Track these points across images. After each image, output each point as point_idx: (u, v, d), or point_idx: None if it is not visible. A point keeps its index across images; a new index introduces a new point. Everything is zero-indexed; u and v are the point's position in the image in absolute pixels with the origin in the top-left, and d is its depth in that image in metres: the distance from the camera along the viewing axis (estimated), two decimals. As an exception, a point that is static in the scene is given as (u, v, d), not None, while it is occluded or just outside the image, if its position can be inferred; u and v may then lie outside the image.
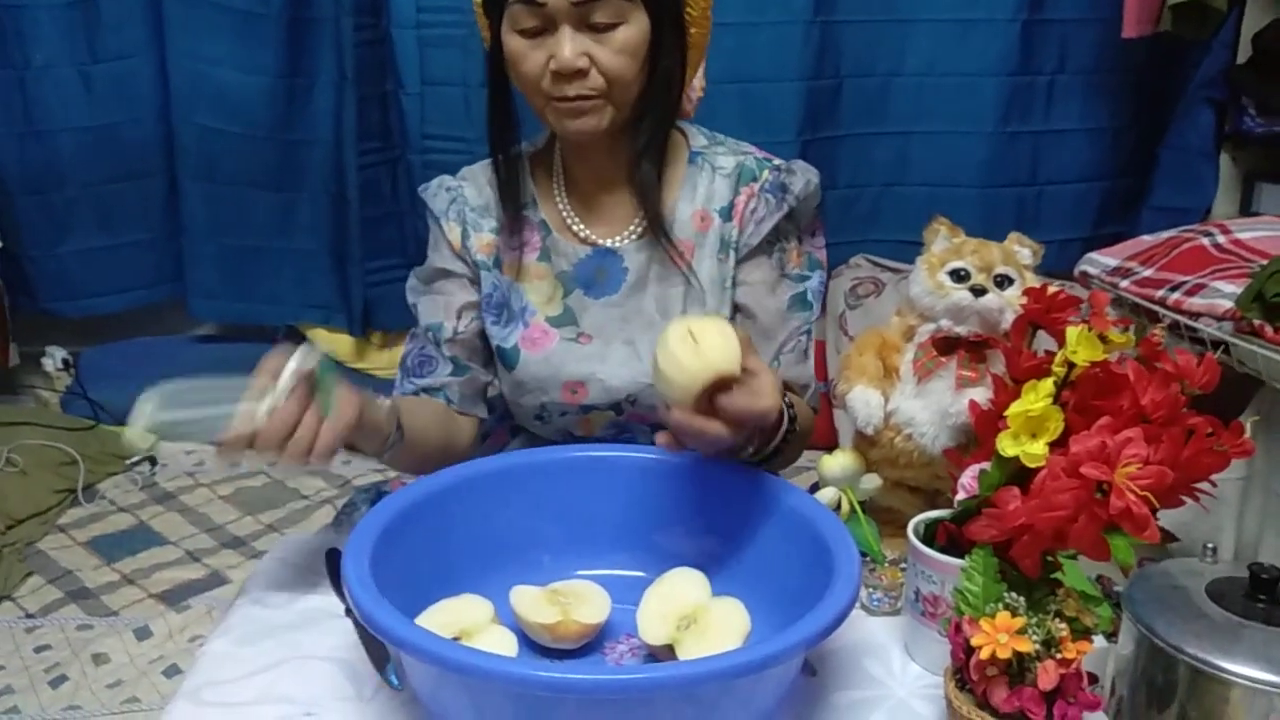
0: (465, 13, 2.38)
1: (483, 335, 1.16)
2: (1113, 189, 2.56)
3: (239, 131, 2.56)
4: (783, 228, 1.14)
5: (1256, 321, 1.17)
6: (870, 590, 0.94)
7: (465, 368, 1.15)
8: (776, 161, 1.15)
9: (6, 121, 2.52)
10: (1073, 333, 0.79)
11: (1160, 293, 1.35)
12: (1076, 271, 1.57)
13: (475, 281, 1.15)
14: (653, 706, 0.69)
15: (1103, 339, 0.79)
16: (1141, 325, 1.38)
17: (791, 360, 1.15)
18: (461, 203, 1.16)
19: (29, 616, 1.91)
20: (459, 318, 1.15)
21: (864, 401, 0.98)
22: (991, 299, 0.95)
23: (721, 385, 0.84)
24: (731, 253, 1.12)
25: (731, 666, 0.68)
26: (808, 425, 1.12)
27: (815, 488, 1.02)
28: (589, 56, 1.00)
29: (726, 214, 1.13)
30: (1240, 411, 1.27)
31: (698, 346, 0.83)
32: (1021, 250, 0.99)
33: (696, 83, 1.17)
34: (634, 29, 1.01)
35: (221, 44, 2.50)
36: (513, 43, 1.03)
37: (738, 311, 1.14)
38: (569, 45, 0.99)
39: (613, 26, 1.00)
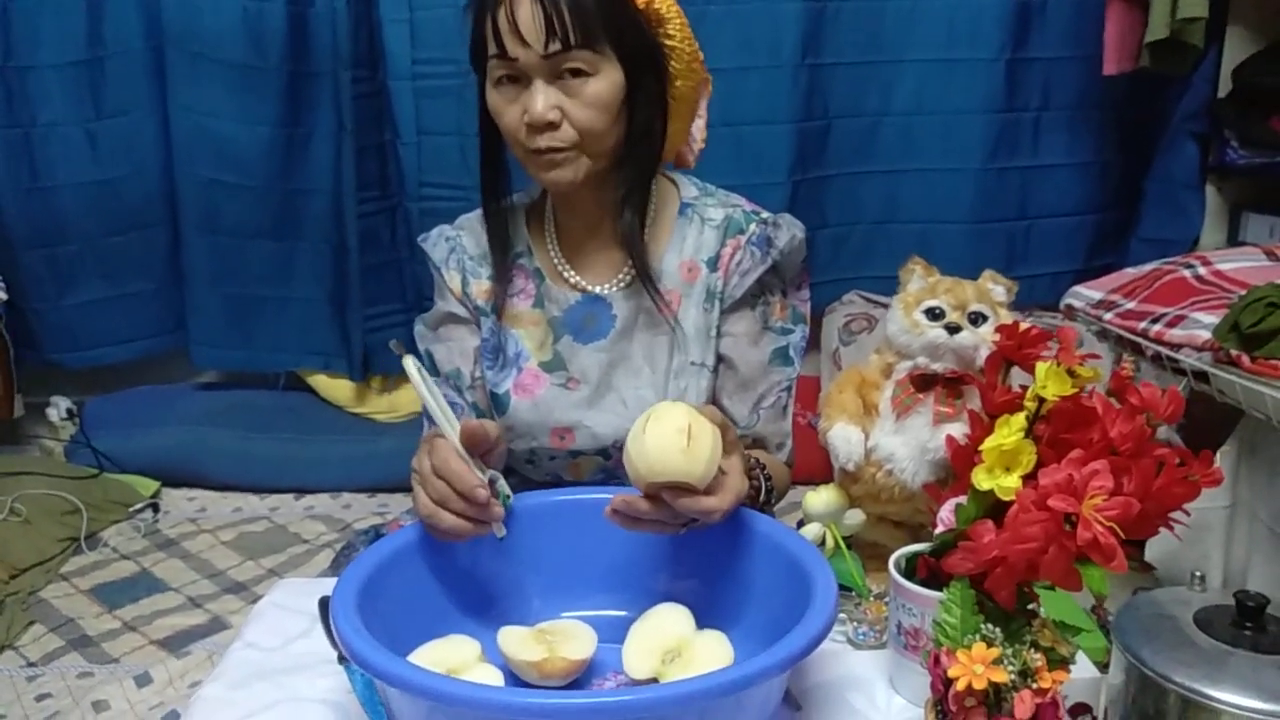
0: (459, 64, 2.41)
1: None
2: (1101, 222, 2.59)
3: (240, 183, 2.59)
4: (767, 281, 1.15)
5: (1234, 352, 1.19)
6: (855, 624, 0.95)
7: (485, 415, 1.17)
8: (764, 215, 1.17)
9: (12, 177, 2.56)
10: (1041, 368, 0.80)
11: (1143, 325, 1.37)
12: (1062, 305, 1.59)
13: (479, 326, 1.17)
14: (632, 736, 0.70)
15: (1071, 373, 0.81)
16: (1124, 359, 1.40)
17: (770, 416, 1.16)
18: (460, 251, 1.18)
19: (30, 665, 1.92)
20: (475, 362, 1.17)
21: (844, 439, 0.99)
22: (966, 336, 0.97)
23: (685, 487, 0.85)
24: (716, 303, 1.14)
25: (708, 688, 0.69)
26: (783, 487, 1.15)
27: (801, 524, 1.03)
28: (561, 109, 1.02)
29: (713, 265, 1.14)
30: (1226, 440, 1.29)
31: (690, 447, 0.83)
32: (995, 288, 1.02)
33: (698, 134, 1.19)
34: (606, 81, 1.03)
35: (222, 98, 2.54)
36: (492, 97, 1.06)
37: (720, 362, 1.15)
38: (540, 98, 1.01)
39: (584, 79, 1.02)
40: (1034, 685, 0.72)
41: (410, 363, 0.91)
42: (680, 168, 1.22)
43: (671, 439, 0.83)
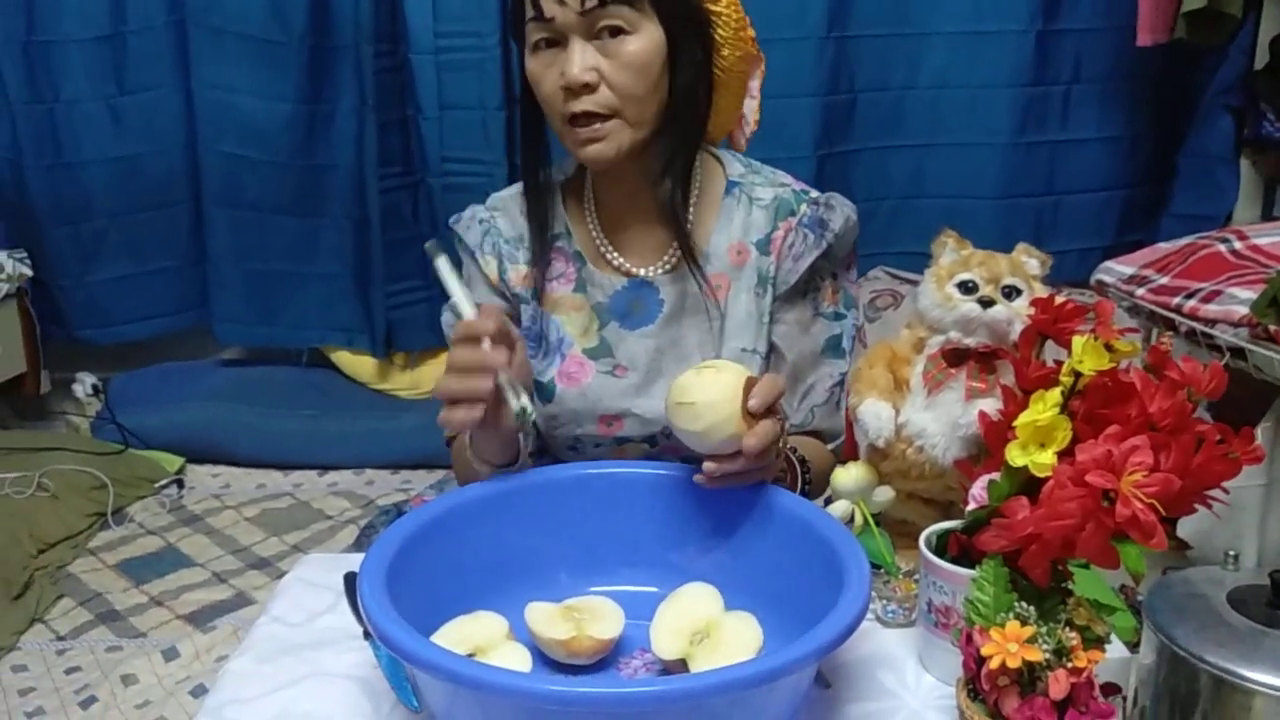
0: (482, 37, 2.44)
1: None
2: (1132, 197, 2.55)
3: (262, 158, 2.60)
4: (818, 265, 1.11)
5: (1272, 327, 1.16)
6: (884, 602, 0.94)
7: None
8: (814, 194, 1.12)
9: (37, 154, 2.58)
10: (1078, 342, 0.79)
11: (1176, 300, 1.35)
12: (1093, 280, 1.56)
13: (515, 316, 1.13)
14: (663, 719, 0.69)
15: (1109, 348, 0.79)
16: (1159, 334, 1.38)
17: (824, 413, 1.13)
18: (495, 235, 1.14)
19: (59, 639, 1.94)
20: None
21: (874, 414, 0.98)
22: (999, 310, 0.95)
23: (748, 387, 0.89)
24: (769, 288, 1.10)
25: (740, 679, 0.68)
26: (824, 473, 1.11)
27: (829, 501, 1.02)
28: (598, 71, 0.99)
29: (764, 247, 1.10)
30: (1262, 417, 1.26)
31: (719, 369, 0.90)
32: (1029, 261, 0.99)
33: (750, 114, 1.15)
34: (645, 41, 0.99)
35: (244, 73, 2.54)
36: (531, 64, 1.03)
37: (772, 350, 1.12)
38: (578, 59, 0.98)
39: (623, 37, 0.99)
40: (1069, 664, 0.70)
41: (443, 262, 0.93)
42: (732, 150, 1.18)
43: (699, 378, 0.90)
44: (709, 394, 0.88)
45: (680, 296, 1.10)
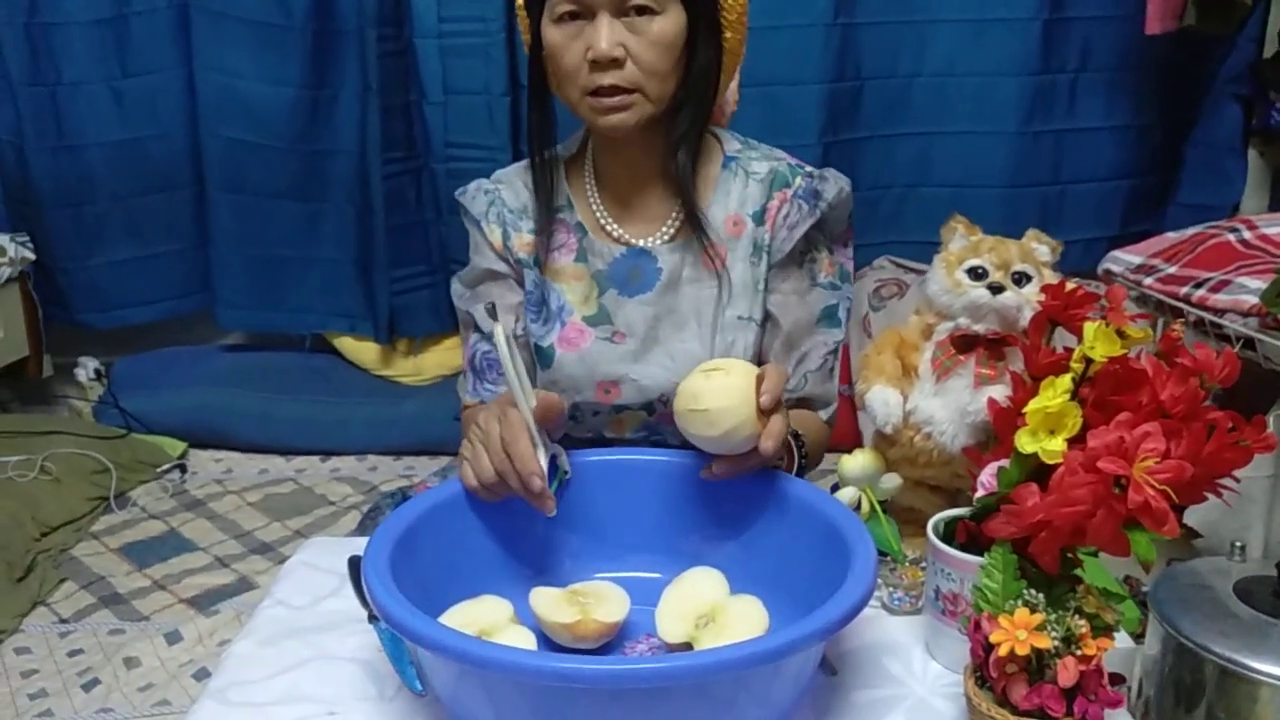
0: (487, 22, 2.42)
1: None
2: (1139, 187, 2.54)
3: (265, 143, 2.58)
4: (814, 237, 1.14)
5: (1282, 317, 1.16)
6: (891, 589, 0.93)
7: (529, 371, 1.16)
8: (809, 168, 1.15)
9: (39, 136, 2.56)
10: (1090, 328, 0.78)
11: (1184, 290, 1.34)
12: (1100, 270, 1.56)
13: (520, 281, 1.16)
14: (668, 699, 0.69)
15: (1120, 334, 0.79)
16: (1167, 323, 1.37)
17: (818, 379, 1.15)
18: (500, 205, 1.17)
19: (63, 621, 1.94)
20: (517, 320, 1.16)
21: (883, 401, 0.98)
22: (1009, 296, 0.95)
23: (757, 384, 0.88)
24: (764, 256, 1.12)
25: (745, 656, 0.68)
26: (820, 445, 1.13)
27: (835, 488, 1.01)
28: (625, 47, 1.02)
29: (759, 218, 1.13)
30: (1269, 408, 1.26)
31: (726, 370, 0.89)
32: (1039, 247, 0.99)
33: (731, 95, 1.17)
34: (670, 21, 1.03)
35: (247, 57, 2.53)
36: (552, 35, 1.04)
37: (767, 319, 1.14)
38: (606, 34, 1.01)
39: (650, 17, 1.02)
40: (1078, 652, 0.70)
41: (499, 330, 0.91)
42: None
43: (709, 383, 0.88)
44: (722, 400, 0.87)
45: (678, 265, 1.13)
